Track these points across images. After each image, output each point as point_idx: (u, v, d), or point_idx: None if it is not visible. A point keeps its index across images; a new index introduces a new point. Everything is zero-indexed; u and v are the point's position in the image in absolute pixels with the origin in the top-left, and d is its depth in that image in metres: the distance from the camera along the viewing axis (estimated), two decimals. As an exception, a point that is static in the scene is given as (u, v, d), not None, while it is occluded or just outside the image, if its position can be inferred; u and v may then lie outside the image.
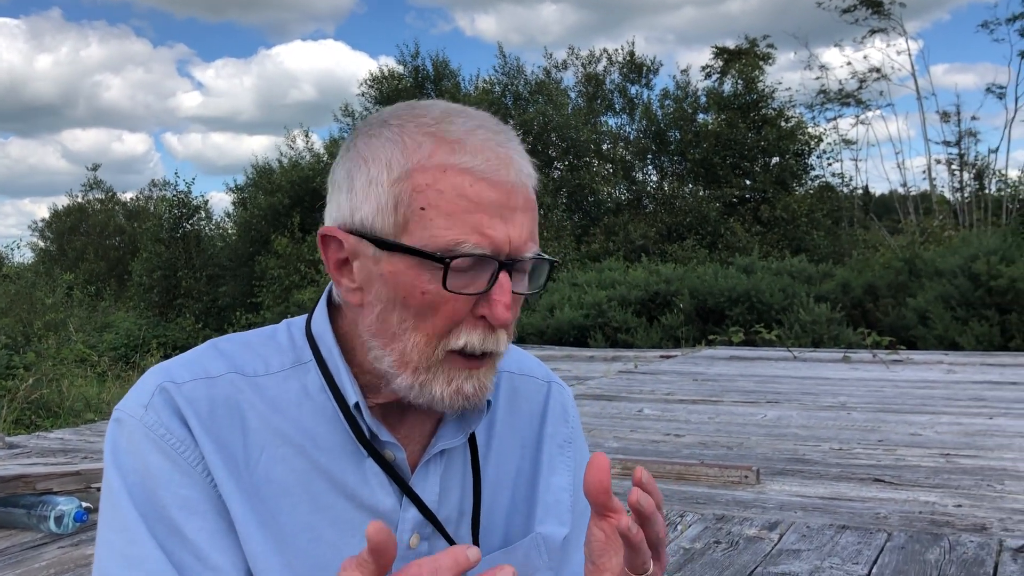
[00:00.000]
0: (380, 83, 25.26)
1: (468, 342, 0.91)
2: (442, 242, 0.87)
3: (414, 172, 0.88)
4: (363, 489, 0.96)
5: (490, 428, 1.08)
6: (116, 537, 0.89)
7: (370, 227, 0.89)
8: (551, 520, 1.10)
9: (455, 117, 0.91)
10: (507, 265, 0.89)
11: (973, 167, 24.06)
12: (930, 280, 13.74)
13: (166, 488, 0.89)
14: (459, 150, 0.88)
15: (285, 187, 22.36)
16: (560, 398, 1.17)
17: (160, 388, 0.93)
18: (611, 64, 25.47)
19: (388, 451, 0.97)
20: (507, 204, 0.89)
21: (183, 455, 0.90)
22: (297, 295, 17.68)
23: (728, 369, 9.71)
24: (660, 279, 15.62)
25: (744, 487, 4.38)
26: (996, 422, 6.03)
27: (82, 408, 9.32)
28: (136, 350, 16.92)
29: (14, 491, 3.83)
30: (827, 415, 6.47)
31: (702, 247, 20.39)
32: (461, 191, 0.87)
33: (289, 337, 1.01)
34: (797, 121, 23.84)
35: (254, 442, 0.94)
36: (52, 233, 36.31)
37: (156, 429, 0.90)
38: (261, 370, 0.97)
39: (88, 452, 5.55)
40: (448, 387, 0.92)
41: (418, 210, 0.87)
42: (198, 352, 0.99)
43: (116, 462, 0.91)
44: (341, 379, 0.96)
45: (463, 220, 0.87)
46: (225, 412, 0.93)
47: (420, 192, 0.87)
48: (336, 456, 0.96)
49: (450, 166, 0.87)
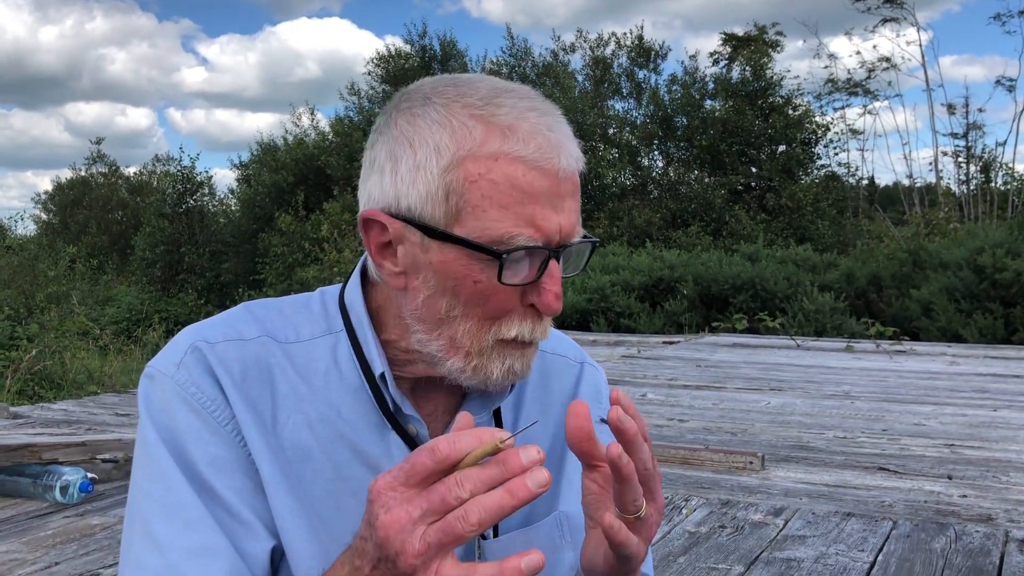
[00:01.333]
0: (387, 62, 25.14)
1: (520, 333, 0.91)
2: (495, 234, 0.86)
3: (466, 160, 0.86)
4: (385, 461, 0.96)
5: (518, 407, 1.08)
6: (154, 487, 0.89)
7: (419, 215, 0.88)
8: (574, 498, 1.08)
9: (504, 98, 0.89)
10: (556, 253, 0.89)
11: (980, 160, 23.99)
12: (934, 272, 13.71)
13: (195, 445, 0.90)
14: (511, 137, 0.86)
15: (290, 165, 22.31)
16: (593, 379, 1.17)
17: (193, 347, 0.93)
18: (619, 48, 25.35)
19: (411, 425, 0.97)
20: (558, 192, 0.88)
21: (213, 414, 0.91)
22: (300, 273, 17.66)
23: (731, 356, 9.70)
24: (664, 265, 15.59)
25: (748, 473, 4.38)
26: (1000, 414, 6.03)
27: (84, 380, 9.32)
28: (138, 324, 16.91)
29: (20, 460, 3.83)
30: (831, 403, 6.47)
31: (706, 234, 20.35)
32: (514, 181, 0.86)
33: (322, 305, 1.01)
34: (805, 110, 23.73)
35: (282, 406, 0.94)
36: (55, 206, 36.26)
37: (187, 387, 0.91)
38: (292, 337, 0.97)
39: (92, 424, 5.55)
40: (503, 367, 0.92)
41: (471, 200, 0.86)
42: (231, 314, 0.99)
43: (150, 416, 0.92)
44: (369, 350, 0.96)
45: (516, 212, 0.86)
46: (256, 374, 0.94)
47: (473, 182, 0.86)
48: (360, 427, 0.96)
49: (502, 154, 0.86)
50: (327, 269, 16.33)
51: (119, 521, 3.53)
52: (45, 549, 3.22)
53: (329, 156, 21.95)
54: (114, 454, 4.20)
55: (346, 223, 18.22)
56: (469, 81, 0.91)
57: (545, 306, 0.90)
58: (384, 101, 20.93)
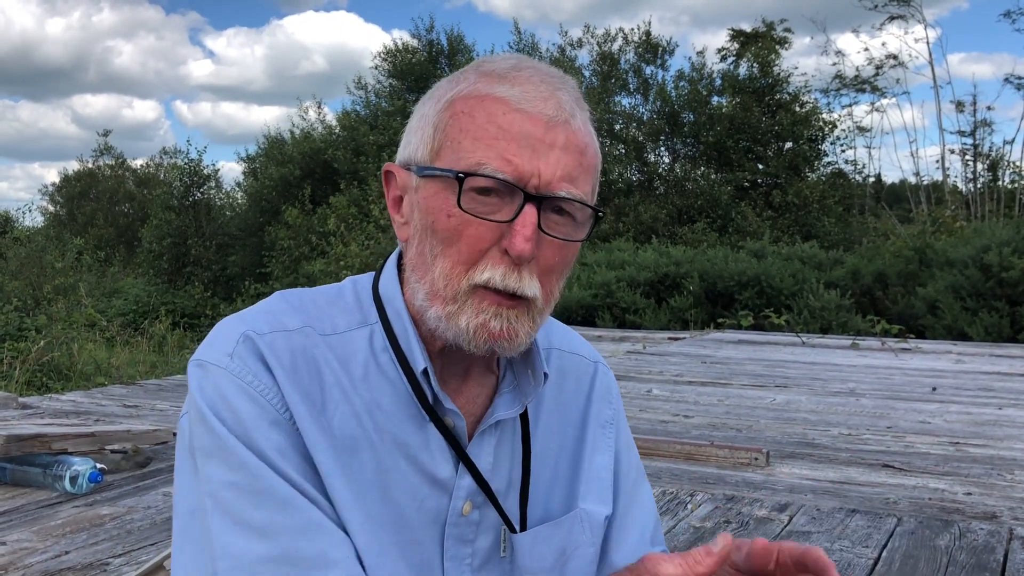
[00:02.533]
0: (394, 56, 25.14)
1: (491, 276, 0.89)
2: (465, 164, 0.88)
3: (455, 100, 0.91)
4: (423, 453, 0.97)
5: (538, 403, 1.09)
6: (238, 476, 0.87)
7: (414, 157, 0.93)
8: (592, 497, 1.11)
9: (514, 61, 0.93)
10: (534, 199, 0.88)
11: (987, 158, 23.91)
12: (940, 270, 13.70)
13: (259, 432, 0.89)
14: (500, 81, 0.91)
15: (296, 158, 22.34)
16: (605, 379, 1.18)
17: (244, 336, 0.92)
18: (627, 44, 25.31)
19: (448, 418, 0.97)
20: (542, 138, 0.89)
21: (271, 402, 0.90)
22: (307, 266, 17.69)
23: (737, 353, 9.71)
24: (670, 261, 15.60)
25: (754, 469, 4.39)
26: (1005, 412, 6.03)
27: (92, 371, 9.37)
28: (145, 316, 16.98)
29: (30, 450, 3.86)
30: (836, 400, 6.48)
31: (712, 230, 20.34)
32: (493, 117, 0.89)
33: (355, 296, 1.01)
34: (812, 107, 23.69)
35: (330, 397, 0.94)
36: (62, 198, 36.36)
37: (244, 376, 0.90)
38: (329, 329, 0.97)
39: (100, 415, 5.59)
40: (475, 319, 0.90)
41: (451, 134, 0.90)
42: (270, 304, 0.99)
43: (212, 407, 0.90)
44: (410, 344, 0.96)
45: (489, 144, 0.88)
46: (304, 364, 0.93)
47: (455, 117, 0.90)
48: (398, 420, 0.96)
49: (487, 95, 0.90)
50: (333, 263, 16.36)
51: (128, 511, 3.56)
52: (55, 538, 3.24)
53: (336, 150, 21.98)
54: (123, 445, 4.23)
55: (353, 217, 18.24)
56: (498, 57, 0.96)
57: (512, 246, 0.88)
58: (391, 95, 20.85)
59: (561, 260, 0.94)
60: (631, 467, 1.18)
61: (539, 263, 0.91)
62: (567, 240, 0.93)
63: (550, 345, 1.13)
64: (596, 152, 0.96)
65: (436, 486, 0.97)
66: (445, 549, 0.98)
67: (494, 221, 0.88)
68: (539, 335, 1.09)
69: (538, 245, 0.90)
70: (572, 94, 0.93)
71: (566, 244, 0.93)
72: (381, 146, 21.07)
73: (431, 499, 0.97)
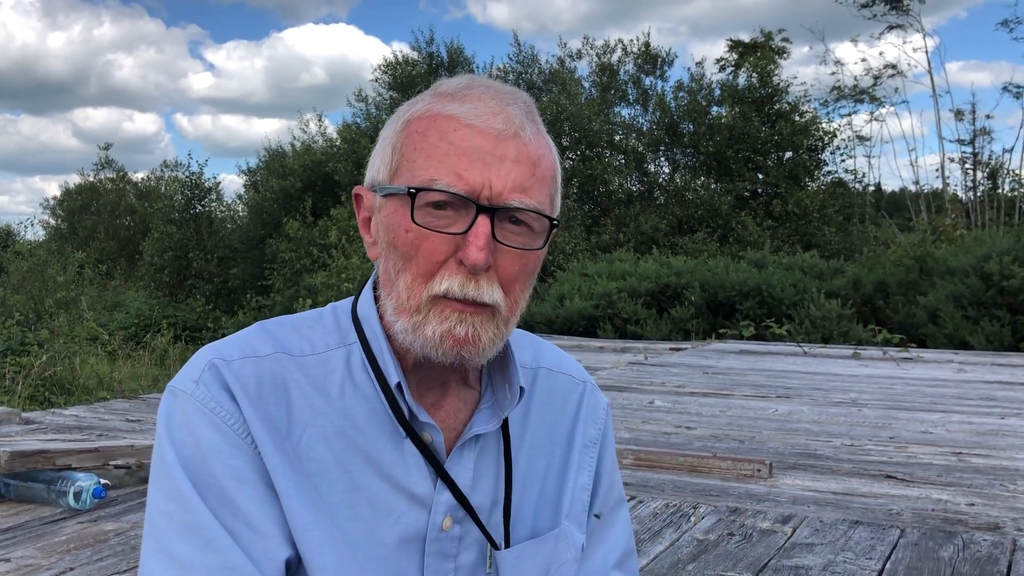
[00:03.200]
0: (394, 68, 25.22)
1: (449, 287, 0.92)
2: (419, 180, 0.92)
3: (411, 121, 0.96)
4: (400, 470, 0.98)
5: (524, 421, 1.10)
6: (173, 507, 0.92)
7: (377, 179, 0.97)
8: (576, 514, 1.13)
9: (467, 81, 0.97)
10: (487, 210, 0.91)
11: (987, 166, 23.94)
12: (941, 279, 13.71)
13: (217, 459, 0.92)
14: (452, 100, 0.95)
15: (297, 171, 22.38)
16: (592, 399, 1.19)
17: (210, 364, 0.96)
18: (626, 55, 25.39)
19: (426, 433, 0.99)
20: (492, 151, 0.92)
21: (232, 427, 0.93)
22: (308, 279, 17.71)
23: (738, 363, 9.72)
24: (671, 271, 15.61)
25: (757, 480, 4.40)
26: (1008, 422, 6.03)
27: (95, 386, 9.38)
28: (146, 330, 16.99)
29: (34, 466, 3.87)
30: (838, 411, 6.48)
31: (713, 240, 20.35)
32: (444, 135, 0.92)
33: (335, 319, 1.04)
34: (811, 116, 23.74)
35: (298, 419, 0.96)
36: (63, 211, 36.41)
37: (207, 403, 0.94)
38: (307, 350, 1.00)
39: (103, 430, 5.59)
40: (440, 326, 0.93)
41: (406, 154, 0.94)
42: (247, 332, 1.02)
43: (169, 435, 0.94)
44: (384, 359, 0.98)
45: (441, 161, 0.91)
46: (271, 389, 0.96)
47: (410, 137, 0.94)
48: (374, 437, 0.98)
49: (439, 113, 0.94)
50: (335, 275, 16.37)
51: (132, 527, 3.57)
52: (59, 555, 3.25)
53: (337, 163, 22.02)
54: (127, 460, 4.24)
55: (354, 229, 18.26)
56: (452, 80, 0.99)
57: (466, 256, 0.91)
58: (392, 108, 20.90)
59: (521, 269, 0.96)
60: (612, 490, 1.19)
61: (499, 273, 0.94)
62: (523, 249, 0.95)
63: (538, 365, 1.14)
64: (552, 164, 0.98)
65: (414, 502, 0.99)
66: (426, 565, 0.99)
67: (448, 234, 0.92)
68: (528, 356, 1.12)
69: (496, 255, 0.93)
70: (523, 108, 0.96)
71: (524, 253, 0.95)
72: (382, 158, 21.10)
73: (409, 515, 0.99)
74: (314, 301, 15.53)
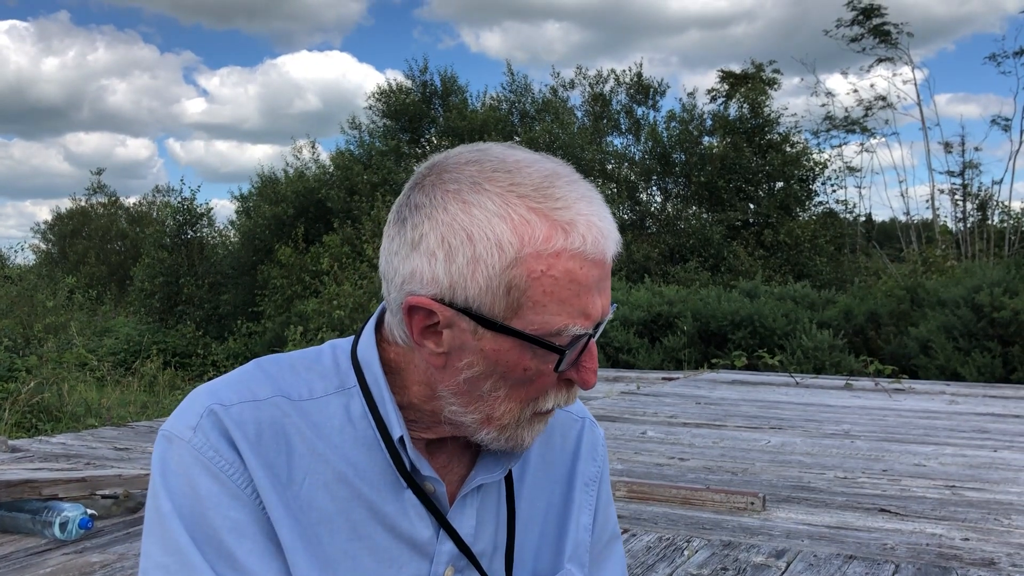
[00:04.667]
0: (388, 96, 25.32)
1: (555, 404, 0.95)
2: (551, 327, 0.88)
3: (529, 258, 0.86)
4: (402, 520, 0.96)
5: (524, 462, 1.09)
6: (169, 560, 0.89)
7: (476, 307, 0.88)
8: (579, 556, 1.11)
9: (556, 188, 0.89)
10: (595, 332, 0.92)
11: (976, 197, 24.11)
12: (932, 310, 13.74)
13: (216, 511, 0.89)
14: (571, 233, 0.87)
15: (290, 197, 22.36)
16: (592, 436, 1.18)
17: (209, 410, 0.92)
18: (618, 85, 25.57)
19: (428, 484, 0.97)
20: (604, 276, 0.91)
21: (232, 478, 0.90)
22: (299, 306, 17.65)
23: (731, 393, 9.70)
24: (663, 300, 15.62)
25: (750, 513, 4.37)
26: (1000, 455, 6.02)
27: (83, 412, 9.29)
28: (136, 356, 16.88)
29: (20, 496, 3.82)
30: (831, 443, 6.46)
31: (705, 270, 20.40)
32: (573, 276, 0.87)
33: (334, 361, 1.01)
34: (802, 147, 23.91)
35: (298, 467, 0.94)
36: (54, 236, 36.31)
37: (205, 452, 0.91)
38: (305, 394, 0.97)
39: (91, 458, 5.54)
40: (534, 432, 0.97)
41: (532, 296, 0.87)
42: (244, 373, 0.99)
43: (165, 483, 0.91)
44: (386, 411, 0.96)
45: (572, 304, 0.88)
46: (272, 435, 0.93)
47: (535, 279, 0.86)
48: (376, 485, 0.96)
49: (564, 251, 0.87)
50: (326, 302, 16.32)
51: (119, 558, 3.52)
52: (44, 587, 3.20)
53: (330, 189, 22.03)
54: (114, 490, 4.19)
55: (346, 256, 18.25)
56: (516, 166, 0.90)
57: (584, 383, 0.93)
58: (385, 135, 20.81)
59: None
60: (607, 526, 1.18)
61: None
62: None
63: None
64: None
65: (416, 551, 0.97)
66: None
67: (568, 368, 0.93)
68: None
69: None
70: (606, 207, 0.93)
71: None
72: (375, 185, 21.13)
73: (411, 565, 0.97)
74: (305, 328, 15.46)
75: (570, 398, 0.96)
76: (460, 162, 0.91)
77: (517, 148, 0.93)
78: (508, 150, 0.92)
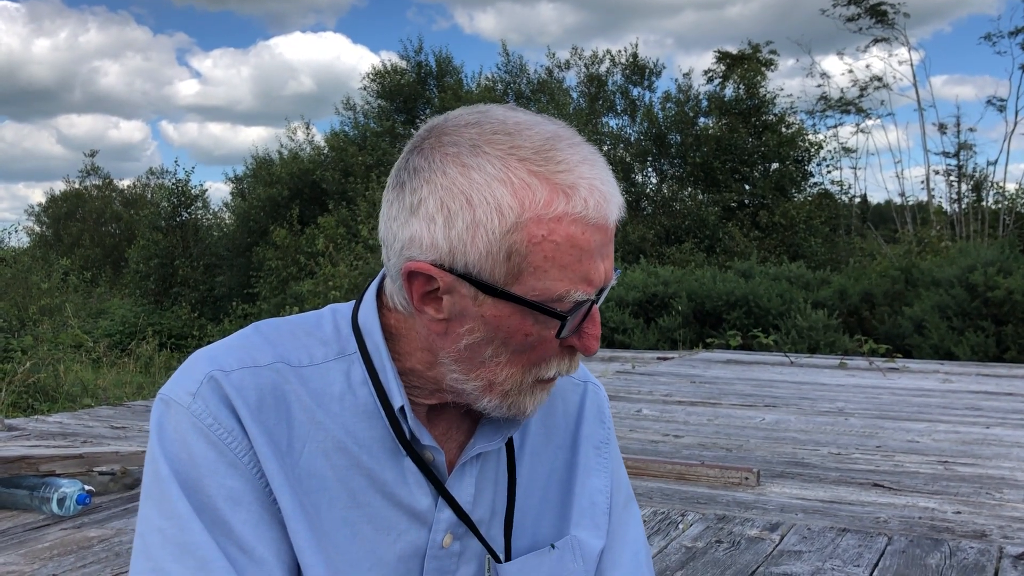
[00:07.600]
0: (382, 77, 25.23)
1: (558, 371, 0.94)
2: (553, 293, 0.87)
3: (529, 223, 0.85)
4: (400, 488, 0.96)
5: (523, 428, 1.08)
6: (167, 524, 0.88)
7: (476, 272, 0.86)
8: (586, 524, 1.10)
9: (557, 150, 0.87)
10: (598, 298, 0.91)
11: (971, 179, 24.13)
12: (927, 290, 13.78)
13: (211, 478, 0.89)
14: (572, 197, 0.86)
15: (285, 179, 22.33)
16: (596, 399, 1.18)
17: (209, 376, 0.91)
18: (614, 65, 25.49)
19: (427, 452, 0.97)
20: (607, 240, 0.89)
21: (230, 445, 0.89)
22: (294, 287, 17.65)
23: (725, 372, 9.73)
24: (658, 281, 15.63)
25: (744, 488, 4.40)
26: (993, 432, 6.06)
27: (79, 393, 9.31)
28: (132, 337, 16.88)
29: (17, 472, 3.83)
30: (825, 420, 6.50)
31: (700, 250, 20.42)
32: (574, 241, 0.86)
33: (334, 326, 1.00)
34: (797, 128, 23.88)
35: (298, 434, 0.93)
36: (48, 218, 36.20)
37: (203, 418, 0.89)
38: (306, 360, 0.96)
39: (87, 436, 5.55)
40: (537, 401, 0.96)
41: (533, 261, 0.86)
42: (243, 338, 0.97)
43: (163, 448, 0.90)
44: (387, 379, 0.95)
45: (574, 270, 0.87)
46: (272, 402, 0.92)
47: (536, 244, 0.85)
48: (375, 453, 0.96)
49: (565, 215, 0.85)
50: (322, 283, 16.32)
51: (116, 533, 3.53)
52: (43, 561, 3.21)
53: (324, 171, 21.98)
54: (111, 467, 4.20)
55: (341, 237, 18.23)
56: (517, 128, 0.88)
57: (586, 349, 0.92)
58: (380, 116, 20.70)
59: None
60: (621, 487, 1.17)
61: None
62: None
63: None
64: None
65: (415, 519, 0.97)
66: None
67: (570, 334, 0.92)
68: None
69: None
70: (609, 171, 0.91)
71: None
72: (369, 167, 21.10)
73: (410, 532, 0.97)
74: (300, 309, 15.47)
75: (572, 366, 0.95)
76: (460, 124, 0.89)
77: (519, 110, 0.91)
78: (509, 112, 0.90)
